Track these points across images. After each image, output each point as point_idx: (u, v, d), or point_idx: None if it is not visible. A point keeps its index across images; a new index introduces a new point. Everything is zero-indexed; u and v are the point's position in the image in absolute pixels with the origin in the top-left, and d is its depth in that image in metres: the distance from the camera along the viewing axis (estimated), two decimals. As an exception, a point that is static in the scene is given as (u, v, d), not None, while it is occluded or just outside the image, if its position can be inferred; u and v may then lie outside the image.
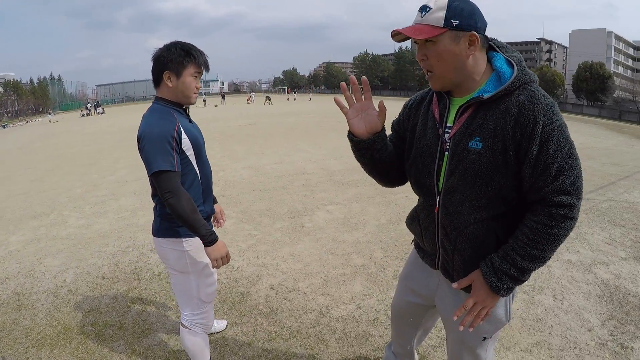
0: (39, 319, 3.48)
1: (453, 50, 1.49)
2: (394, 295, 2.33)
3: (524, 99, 1.45)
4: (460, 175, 1.58)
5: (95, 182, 8.81)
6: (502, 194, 1.55)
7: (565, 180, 1.44)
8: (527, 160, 1.45)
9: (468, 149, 1.54)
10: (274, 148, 12.60)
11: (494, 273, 1.55)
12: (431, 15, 1.48)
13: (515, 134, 1.45)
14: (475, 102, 1.53)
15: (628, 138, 19.76)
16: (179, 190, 2.05)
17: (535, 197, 1.51)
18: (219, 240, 2.19)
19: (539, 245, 1.48)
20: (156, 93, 2.26)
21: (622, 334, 3.30)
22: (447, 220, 1.67)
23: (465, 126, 1.56)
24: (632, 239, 5.40)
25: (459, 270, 1.71)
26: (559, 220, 1.46)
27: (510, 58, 1.58)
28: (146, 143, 2.05)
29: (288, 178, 8.57)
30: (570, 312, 3.60)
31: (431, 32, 1.47)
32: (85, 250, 4.92)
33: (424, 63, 1.57)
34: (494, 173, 1.51)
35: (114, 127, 24.38)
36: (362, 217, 6.05)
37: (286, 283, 4.05)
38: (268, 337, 3.18)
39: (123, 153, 12.77)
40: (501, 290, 1.55)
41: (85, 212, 6.54)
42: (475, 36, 1.49)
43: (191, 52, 2.18)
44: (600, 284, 4.12)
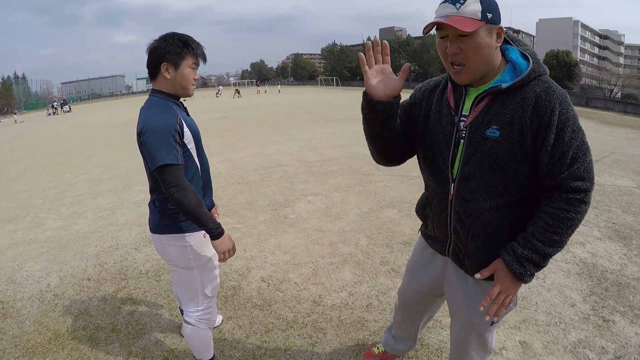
0: (26, 326, 3.37)
1: (488, 43, 1.52)
2: (401, 284, 2.38)
3: (541, 89, 1.51)
4: (477, 163, 1.63)
5: (69, 182, 8.60)
6: (518, 181, 1.60)
7: (580, 166, 1.51)
8: (544, 148, 1.51)
9: (486, 137, 1.59)
10: (248, 141, 12.53)
11: (517, 261, 1.60)
12: (467, 7, 1.47)
13: (532, 123, 1.51)
14: (493, 91, 1.58)
15: (595, 124, 20.31)
16: (185, 184, 2.02)
17: (551, 184, 1.57)
18: (225, 232, 2.18)
19: (558, 230, 1.55)
20: (153, 86, 2.21)
21: (602, 308, 3.48)
22: (461, 207, 1.72)
23: (482, 115, 1.61)
24: (605, 219, 5.62)
25: (471, 257, 1.77)
26: (575, 205, 1.53)
27: (525, 51, 1.64)
28: (149, 136, 2.00)
29: (266, 170, 8.55)
30: (552, 290, 3.76)
31: (474, 24, 1.47)
32: (67, 252, 4.81)
33: (457, 56, 1.56)
34: (510, 160, 1.56)
35: (82, 125, 23.75)
36: (343, 206, 6.11)
37: (276, 274, 4.07)
38: (265, 329, 3.21)
39: (95, 151, 12.50)
40: (525, 277, 1.61)
41: (62, 213, 6.40)
42: (502, 29, 1.54)
43: (189, 43, 2.15)
44: (579, 263, 4.29)
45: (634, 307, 3.50)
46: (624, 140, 13.92)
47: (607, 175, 8.28)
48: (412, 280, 2.24)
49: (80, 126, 23.08)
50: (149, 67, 2.16)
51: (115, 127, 20.41)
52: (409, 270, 2.28)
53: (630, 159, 10.28)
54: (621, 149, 11.78)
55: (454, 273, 1.93)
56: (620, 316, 3.37)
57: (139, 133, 2.07)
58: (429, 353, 2.95)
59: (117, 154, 11.59)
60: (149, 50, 2.14)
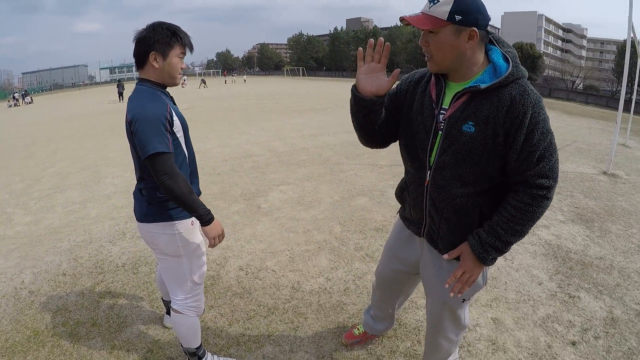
0: (3, 325, 3.28)
1: (452, 43, 1.63)
2: (379, 264, 2.49)
3: (516, 92, 1.62)
4: (452, 154, 1.75)
5: (35, 175, 8.37)
6: (488, 173, 1.73)
7: (545, 165, 1.64)
8: (514, 146, 1.63)
9: (462, 132, 1.70)
10: (217, 132, 12.46)
11: (481, 245, 1.75)
12: (438, 7, 1.60)
13: (505, 123, 1.62)
14: (472, 90, 1.68)
15: (558, 114, 20.85)
16: (176, 172, 2.03)
17: (518, 179, 1.70)
18: (215, 218, 2.22)
19: (521, 221, 1.69)
20: (140, 75, 2.21)
21: (568, 285, 3.71)
22: (436, 192, 1.84)
23: (460, 110, 1.71)
24: (568, 204, 5.88)
25: (443, 238, 1.90)
26: (538, 200, 1.67)
27: (507, 53, 1.74)
28: (140, 125, 2.00)
29: (236, 161, 8.56)
30: (520, 270, 3.96)
31: (434, 24, 1.61)
32: (39, 248, 4.72)
33: (425, 49, 1.71)
34: (482, 154, 1.69)
35: (46, 117, 23.03)
36: (315, 195, 6.21)
37: (254, 263, 4.13)
38: (247, 316, 3.26)
39: (60, 144, 12.18)
40: (487, 261, 1.76)
41: (30, 208, 6.24)
42: (475, 32, 1.62)
43: (177, 32, 2.17)
44: (544, 244, 4.51)
45: (597, 284, 3.73)
46: (586, 130, 14.41)
47: (570, 162, 8.60)
48: (390, 260, 2.36)
49: (44, 118, 22.40)
50: (136, 56, 2.16)
51: (79, 118, 19.89)
52: (387, 250, 2.41)
53: (591, 147, 10.67)
54: (583, 138, 12.21)
55: (428, 253, 2.07)
56: (585, 292, 3.60)
57: (130, 122, 2.07)
58: (407, 332, 3.08)
59: (84, 146, 11.33)
60: (137, 39, 2.13)
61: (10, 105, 39.79)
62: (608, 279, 3.83)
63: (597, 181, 7.27)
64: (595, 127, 15.54)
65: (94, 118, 19.34)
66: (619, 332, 3.09)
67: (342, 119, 14.11)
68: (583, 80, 59.48)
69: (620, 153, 9.88)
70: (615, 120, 8.27)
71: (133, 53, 2.16)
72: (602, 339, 3.02)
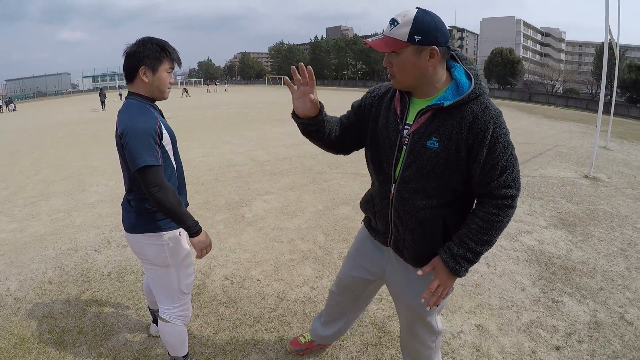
0: None
1: (414, 62, 1.71)
2: (341, 270, 2.54)
3: (478, 109, 1.70)
4: (416, 169, 1.82)
5: (19, 182, 8.30)
6: (451, 186, 1.82)
7: (508, 176, 1.73)
8: (477, 161, 1.72)
9: (426, 147, 1.78)
10: (200, 141, 12.44)
11: (453, 258, 1.81)
12: (398, 29, 1.68)
13: (468, 139, 1.70)
14: (435, 108, 1.75)
15: (539, 118, 21.25)
16: (165, 184, 2.08)
17: (483, 191, 1.79)
18: (203, 229, 2.26)
19: (489, 231, 1.77)
20: (129, 88, 2.26)
21: (551, 290, 3.79)
22: (400, 205, 1.92)
23: (424, 126, 1.79)
24: (550, 209, 6.00)
25: (409, 248, 1.97)
26: (504, 209, 1.75)
27: (469, 71, 1.81)
28: (130, 138, 2.04)
29: (219, 170, 8.57)
30: (503, 276, 4.03)
31: (395, 45, 1.69)
32: (24, 255, 4.69)
33: (389, 69, 1.79)
34: (446, 169, 1.77)
35: (29, 124, 22.79)
36: (299, 204, 6.24)
37: (239, 272, 4.14)
38: (233, 325, 3.28)
39: (44, 152, 12.07)
40: (460, 272, 1.83)
41: (15, 215, 6.19)
42: (436, 50, 1.69)
43: (166, 47, 2.22)
44: (527, 250, 4.59)
45: (580, 288, 3.82)
46: (566, 133, 14.67)
47: (551, 167, 8.77)
48: (353, 267, 2.41)
49: (27, 125, 22.18)
50: (126, 70, 2.21)
51: (62, 126, 19.73)
52: (350, 256, 2.46)
53: (572, 151, 10.87)
54: (563, 142, 12.43)
55: (395, 262, 2.14)
56: (568, 297, 3.68)
57: (120, 135, 2.11)
58: (391, 340, 3.13)
59: (67, 155, 11.24)
60: (127, 54, 2.18)
61: (-6, 113, 39.36)
62: (591, 283, 3.91)
63: (578, 185, 7.43)
64: (576, 131, 15.84)
65: (78, 126, 19.20)
66: (603, 336, 3.17)
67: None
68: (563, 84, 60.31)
69: (602, 156, 10.11)
70: (596, 123, 8.44)
71: (122, 67, 2.22)
72: (586, 343, 3.09)
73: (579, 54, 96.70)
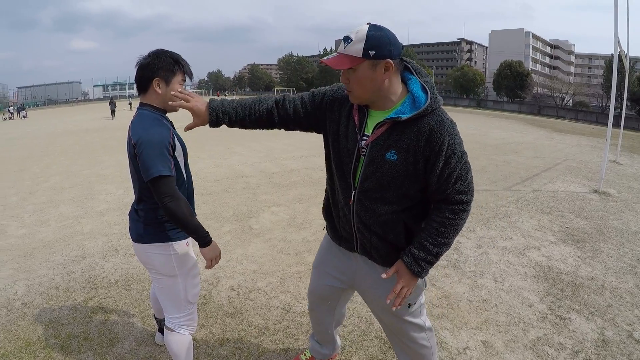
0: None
1: (370, 77, 1.76)
2: (310, 284, 2.56)
3: (434, 122, 1.77)
4: (376, 180, 1.89)
5: (29, 189, 8.40)
6: (409, 194, 1.91)
7: (462, 183, 1.83)
8: (434, 171, 1.80)
9: (385, 160, 1.84)
10: (209, 152, 12.51)
11: (415, 261, 1.90)
12: (352, 46, 1.73)
13: (425, 151, 1.78)
14: (393, 121, 1.81)
15: (548, 132, 21.14)
16: (178, 194, 2.11)
17: (439, 197, 1.88)
18: (213, 240, 2.29)
19: (446, 234, 1.87)
20: (141, 99, 2.30)
21: (559, 307, 3.74)
22: (362, 210, 1.99)
23: (383, 139, 1.84)
24: (559, 224, 5.94)
25: (377, 248, 2.03)
26: (459, 213, 1.86)
27: (425, 84, 1.86)
28: (145, 148, 2.08)
29: (228, 181, 8.61)
30: (511, 292, 3.98)
31: (351, 62, 1.74)
32: (32, 260, 4.73)
33: (347, 85, 1.85)
34: (404, 179, 1.86)
35: (40, 131, 23.09)
36: (306, 217, 6.24)
37: (245, 283, 4.14)
38: (238, 336, 3.28)
39: (54, 159, 12.21)
40: (422, 274, 1.92)
41: (25, 220, 6.26)
42: (390, 63, 1.74)
43: (179, 60, 2.27)
44: (535, 266, 4.55)
45: (589, 305, 3.77)
46: (576, 147, 14.59)
47: (560, 182, 8.72)
48: (321, 276, 2.42)
49: (38, 132, 22.46)
50: (139, 81, 2.24)
51: (73, 134, 19.95)
52: (317, 267, 2.47)
53: (582, 165, 10.81)
54: (573, 156, 12.37)
55: (364, 266, 2.18)
56: (576, 314, 3.63)
57: (134, 145, 2.13)
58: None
59: (77, 162, 11.37)
60: (141, 65, 2.22)
61: (5, 119, 39.99)
62: (599, 300, 3.87)
63: (588, 200, 7.37)
64: (586, 144, 15.76)
65: (87, 134, 19.40)
66: (610, 354, 3.12)
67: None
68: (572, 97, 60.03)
69: (611, 170, 10.03)
70: (605, 136, 8.38)
71: (135, 78, 2.25)
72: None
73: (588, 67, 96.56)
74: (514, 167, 10.18)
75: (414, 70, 1.91)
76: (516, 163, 10.68)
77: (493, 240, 5.28)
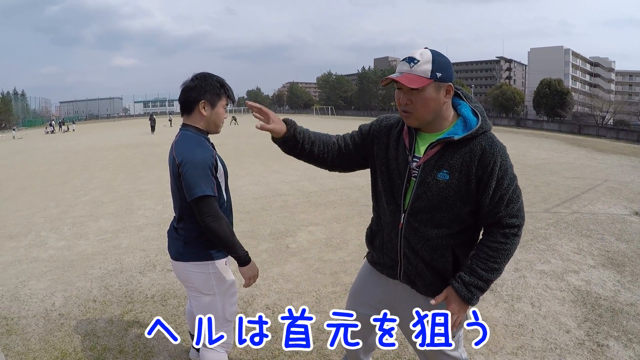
0: (32, 344, 3.41)
1: (435, 98, 1.80)
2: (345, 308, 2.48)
3: (486, 143, 1.81)
4: (427, 200, 1.88)
5: (69, 202, 8.69)
6: (460, 216, 1.89)
7: (514, 207, 1.83)
8: (486, 192, 1.81)
9: (437, 179, 1.85)
10: (248, 169, 12.68)
11: (465, 287, 1.86)
12: (419, 67, 1.76)
13: (477, 171, 1.80)
14: (446, 141, 1.84)
15: (589, 152, 20.63)
16: (220, 214, 2.18)
17: (491, 220, 1.86)
18: (252, 260, 2.35)
19: (498, 259, 1.83)
20: (185, 120, 2.37)
21: (597, 333, 3.62)
22: (411, 234, 1.97)
23: (435, 159, 1.86)
24: (599, 247, 5.76)
25: (422, 276, 1.99)
26: (511, 238, 1.84)
27: (475, 108, 1.93)
28: (189, 168, 2.15)
29: (266, 200, 8.68)
30: (548, 317, 3.87)
31: (422, 82, 1.76)
32: (71, 272, 4.87)
33: (408, 106, 1.84)
34: (456, 200, 1.85)
35: (81, 145, 23.94)
36: (343, 237, 6.22)
37: (280, 302, 4.15)
38: (272, 354, 3.28)
39: (95, 173, 12.62)
40: (472, 300, 1.86)
41: (64, 233, 6.47)
42: (451, 87, 1.83)
43: (225, 84, 2.36)
44: (573, 290, 4.41)
45: (627, 332, 3.63)
46: (617, 168, 14.19)
47: (600, 203, 8.47)
48: (357, 304, 2.37)
49: (80, 146, 23.21)
50: (184, 103, 2.33)
51: (113, 149, 20.57)
52: (354, 294, 2.44)
53: (623, 186, 10.49)
54: (614, 177, 12.02)
55: (405, 295, 2.13)
56: (614, 341, 3.51)
57: (178, 164, 2.20)
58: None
59: (117, 177, 11.71)
60: (187, 87, 2.31)
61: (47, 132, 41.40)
62: (639, 327, 3.72)
63: (628, 222, 7.14)
64: (627, 165, 15.32)
65: (128, 150, 19.98)
66: (648, 383, 2.99)
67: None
68: (613, 115, 58.54)
69: (653, 191, 9.69)
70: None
71: (180, 99, 2.35)
72: (631, 391, 2.93)
73: (629, 84, 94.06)
74: (554, 188, 9.93)
75: (463, 96, 1.97)
76: (555, 184, 10.44)
77: (531, 264, 5.16)
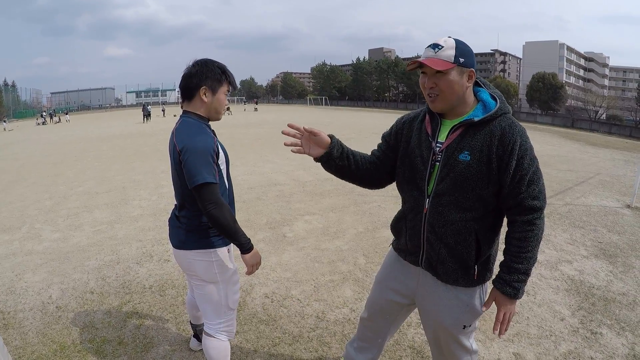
0: (29, 337, 3.38)
1: (459, 82, 1.87)
2: (370, 296, 2.53)
3: (505, 124, 1.86)
4: (450, 182, 1.92)
5: (63, 193, 8.62)
6: (483, 198, 1.91)
7: (535, 188, 1.86)
8: (507, 171, 1.84)
9: (459, 160, 1.90)
10: (242, 159, 12.59)
11: (509, 286, 1.91)
12: (444, 52, 1.84)
13: (498, 150, 1.84)
14: (467, 123, 1.90)
15: (582, 145, 20.74)
16: (221, 201, 2.16)
17: (512, 202, 1.88)
18: (254, 247, 2.33)
19: (528, 247, 1.88)
20: (185, 107, 2.35)
21: (590, 321, 3.70)
22: (435, 218, 2.01)
23: (457, 142, 1.92)
24: (592, 238, 5.84)
25: (444, 263, 2.03)
26: (535, 223, 1.87)
27: (494, 93, 2.00)
28: (190, 155, 2.13)
29: (261, 189, 8.66)
30: (543, 305, 3.95)
31: (445, 65, 1.83)
32: (67, 264, 4.83)
33: (433, 90, 1.91)
34: (478, 180, 1.88)
35: (73, 136, 23.69)
36: (340, 226, 6.25)
37: (279, 291, 4.17)
38: (272, 343, 3.30)
39: (87, 163, 12.52)
40: (518, 294, 1.92)
41: (59, 225, 6.41)
42: (474, 72, 1.91)
43: (226, 71, 2.33)
44: (567, 280, 4.49)
45: (620, 320, 3.71)
46: (609, 161, 14.30)
47: (593, 196, 8.55)
48: (383, 291, 2.41)
49: (72, 137, 23.00)
50: (186, 89, 2.30)
51: (106, 140, 20.38)
52: (380, 281, 2.45)
53: (615, 179, 10.58)
54: (606, 170, 12.12)
55: (427, 283, 2.17)
56: (607, 329, 3.58)
57: (179, 152, 2.18)
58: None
59: (110, 168, 11.62)
60: (188, 73, 2.27)
61: (39, 124, 41.01)
62: (631, 315, 3.80)
63: (620, 215, 7.22)
64: (619, 159, 15.44)
65: (120, 140, 19.82)
66: (641, 370, 3.05)
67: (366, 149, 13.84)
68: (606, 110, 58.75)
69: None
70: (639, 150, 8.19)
71: (180, 85, 2.31)
72: (624, 377, 2.98)
73: (622, 80, 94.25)
74: (547, 181, 9.89)
75: (482, 84, 2.04)
76: (549, 176, 10.48)
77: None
